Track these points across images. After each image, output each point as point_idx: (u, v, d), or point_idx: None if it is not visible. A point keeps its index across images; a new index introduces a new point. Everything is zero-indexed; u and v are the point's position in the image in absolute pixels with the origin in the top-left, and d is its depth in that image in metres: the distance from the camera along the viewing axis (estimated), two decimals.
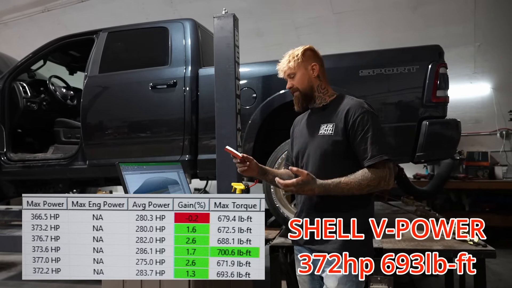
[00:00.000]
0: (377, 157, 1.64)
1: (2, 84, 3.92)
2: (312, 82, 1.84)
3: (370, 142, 1.66)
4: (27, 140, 4.33)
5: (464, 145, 6.26)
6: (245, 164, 1.89)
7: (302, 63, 1.83)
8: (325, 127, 1.77)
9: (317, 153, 1.76)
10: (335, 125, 1.74)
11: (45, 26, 7.00)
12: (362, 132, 1.68)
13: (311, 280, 1.87)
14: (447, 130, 2.96)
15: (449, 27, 5.80)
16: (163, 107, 3.43)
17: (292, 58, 1.83)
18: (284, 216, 3.03)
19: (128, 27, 3.75)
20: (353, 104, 1.75)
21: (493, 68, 6.17)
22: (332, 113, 1.79)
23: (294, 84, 1.84)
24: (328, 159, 1.74)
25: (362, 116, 1.70)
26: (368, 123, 1.69)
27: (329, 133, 1.74)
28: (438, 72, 2.88)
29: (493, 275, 4.20)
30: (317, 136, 1.79)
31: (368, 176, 1.63)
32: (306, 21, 6.20)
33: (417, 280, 4.18)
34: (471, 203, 6.15)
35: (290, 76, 1.85)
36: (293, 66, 1.82)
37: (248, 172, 1.91)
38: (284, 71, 1.86)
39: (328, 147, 1.74)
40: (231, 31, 3.00)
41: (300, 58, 1.83)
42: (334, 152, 1.73)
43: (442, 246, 2.60)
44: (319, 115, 1.85)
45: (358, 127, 1.69)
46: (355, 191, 1.64)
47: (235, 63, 3.00)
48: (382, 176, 1.64)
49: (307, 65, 1.83)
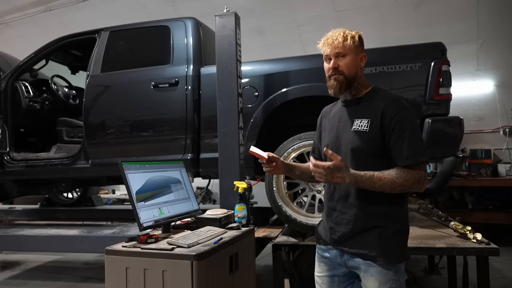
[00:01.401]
0: (413, 159, 1.56)
1: (4, 84, 3.93)
2: (358, 71, 1.71)
3: (407, 141, 1.56)
4: (30, 140, 4.34)
5: (467, 143, 6.25)
6: (271, 165, 1.83)
7: (355, 48, 1.69)
8: (360, 122, 1.66)
9: (349, 149, 1.65)
10: (371, 122, 1.63)
11: (46, 25, 7.02)
12: (400, 131, 1.58)
13: (331, 282, 1.79)
14: (450, 128, 2.94)
15: (452, 25, 5.77)
16: (165, 106, 3.42)
17: (350, 37, 1.68)
18: (286, 214, 3.03)
19: (130, 26, 3.75)
20: (391, 100, 1.65)
21: (496, 65, 6.14)
22: (367, 108, 1.68)
23: (341, 66, 1.68)
24: (361, 157, 1.63)
25: (401, 114, 1.59)
26: (406, 122, 1.59)
27: (364, 129, 1.63)
28: (441, 70, 2.87)
29: (496, 273, 4.20)
30: (350, 132, 1.68)
31: (403, 175, 1.55)
32: (308, 19, 6.19)
33: (420, 278, 4.18)
34: (474, 201, 6.14)
35: (339, 55, 1.68)
36: (348, 46, 1.67)
37: (274, 171, 1.85)
38: (336, 47, 1.67)
39: (362, 144, 1.63)
40: (233, 29, 3.00)
41: (357, 41, 1.69)
42: (368, 150, 1.63)
43: (445, 244, 2.59)
44: (353, 109, 1.73)
45: (395, 125, 1.58)
46: (387, 188, 1.55)
47: (237, 62, 3.00)
48: (416, 177, 1.56)
49: (359, 52, 1.71)
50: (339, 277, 1.78)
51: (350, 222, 1.67)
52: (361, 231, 1.65)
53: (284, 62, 3.27)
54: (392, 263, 1.62)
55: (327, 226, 1.78)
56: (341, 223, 1.71)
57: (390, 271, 1.61)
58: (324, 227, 1.82)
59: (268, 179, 3.09)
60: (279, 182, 3.08)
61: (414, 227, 3.17)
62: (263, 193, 3.20)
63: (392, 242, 1.63)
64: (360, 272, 1.68)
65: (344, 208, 1.70)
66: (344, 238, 1.69)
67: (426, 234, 2.91)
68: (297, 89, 3.10)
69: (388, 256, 1.61)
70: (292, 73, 3.16)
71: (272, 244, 2.98)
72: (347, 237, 1.68)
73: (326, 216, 1.79)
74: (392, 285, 1.61)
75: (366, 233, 1.65)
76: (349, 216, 1.68)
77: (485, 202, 6.07)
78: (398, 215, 1.67)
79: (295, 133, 3.07)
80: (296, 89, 3.11)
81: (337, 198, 1.73)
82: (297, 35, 6.26)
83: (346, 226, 1.69)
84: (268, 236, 3.15)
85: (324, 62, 1.75)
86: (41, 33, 6.80)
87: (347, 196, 1.69)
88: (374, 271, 1.62)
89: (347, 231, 1.68)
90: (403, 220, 1.69)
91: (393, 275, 1.62)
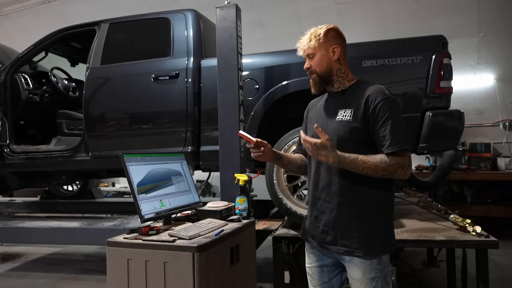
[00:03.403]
0: (396, 146, 1.58)
1: (4, 76, 3.91)
2: (331, 65, 1.74)
3: (390, 129, 1.60)
4: (30, 132, 4.34)
5: (466, 136, 6.26)
6: (259, 150, 1.85)
7: (323, 44, 1.73)
8: (343, 112, 1.70)
9: (334, 139, 1.67)
10: (354, 111, 1.67)
11: (45, 17, 6.98)
12: (383, 119, 1.61)
13: (320, 272, 1.83)
14: (451, 121, 2.95)
15: (452, 18, 5.75)
16: (165, 98, 3.41)
17: (314, 37, 1.73)
18: (287, 207, 3.04)
19: (130, 18, 3.73)
20: (374, 90, 1.67)
21: (497, 58, 6.13)
22: (351, 98, 1.71)
23: (312, 66, 1.75)
24: (345, 146, 1.64)
25: (384, 103, 1.63)
26: (389, 111, 1.62)
27: (347, 119, 1.67)
28: (442, 63, 2.87)
29: (494, 266, 4.22)
30: (334, 121, 1.72)
31: (386, 161, 1.57)
32: (308, 11, 6.16)
33: (419, 271, 4.20)
34: (473, 194, 6.16)
35: (309, 57, 1.76)
36: (313, 45, 1.73)
37: (262, 157, 1.86)
38: (304, 49, 1.76)
39: (346, 133, 1.67)
40: (234, 21, 2.98)
41: (322, 38, 1.72)
42: (351, 139, 1.66)
43: (444, 237, 2.61)
44: (337, 100, 1.77)
45: (378, 113, 1.62)
46: (370, 171, 1.58)
47: (238, 54, 2.99)
48: (400, 164, 1.58)
49: (328, 46, 1.73)
50: (328, 266, 1.81)
51: (334, 211, 1.70)
52: (345, 220, 1.67)
53: (285, 55, 3.27)
54: (375, 254, 1.65)
55: (312, 216, 1.79)
56: (324, 211, 1.73)
57: (373, 261, 1.65)
58: (309, 220, 1.82)
59: (268, 172, 3.10)
60: (280, 174, 3.09)
61: (413, 220, 3.19)
62: (262, 186, 3.21)
63: (375, 233, 1.66)
64: (345, 263, 1.72)
65: (328, 197, 1.72)
66: (327, 226, 1.71)
67: (425, 227, 2.92)
68: (298, 82, 3.09)
69: (371, 248, 1.64)
70: (293, 65, 3.15)
71: (273, 236, 2.99)
72: (331, 225, 1.70)
73: (311, 205, 1.81)
74: (376, 274, 1.64)
75: (349, 222, 1.67)
76: (332, 204, 1.70)
77: (484, 195, 6.09)
78: (382, 205, 1.69)
79: (296, 126, 3.06)
80: (297, 82, 3.10)
81: (321, 188, 1.76)
82: (298, 28, 6.23)
83: (329, 214, 1.71)
84: (268, 228, 3.17)
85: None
86: (40, 25, 6.77)
87: (329, 184, 1.72)
88: (358, 261, 1.65)
89: (331, 219, 1.70)
90: (388, 210, 1.72)
91: (377, 265, 1.65)
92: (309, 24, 1.92)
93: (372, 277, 1.64)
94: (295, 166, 1.98)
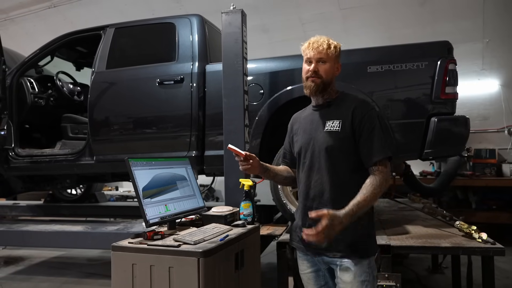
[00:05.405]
0: (380, 154, 1.68)
1: (9, 80, 3.93)
2: (332, 78, 1.83)
3: (376, 139, 1.69)
4: (35, 136, 4.36)
5: (471, 142, 6.22)
6: (248, 162, 1.89)
7: (336, 57, 1.82)
8: (331, 123, 1.77)
9: (323, 149, 1.75)
10: (342, 122, 1.74)
11: (51, 22, 7.03)
12: (369, 131, 1.70)
13: (316, 277, 1.86)
14: (456, 127, 2.94)
15: (458, 23, 5.75)
16: (170, 103, 3.42)
17: (333, 46, 1.80)
18: (291, 212, 3.03)
19: (135, 23, 3.75)
20: (359, 102, 1.78)
21: (502, 64, 6.12)
22: (337, 110, 1.79)
23: (320, 71, 1.79)
24: (335, 156, 1.73)
25: (370, 114, 1.73)
26: (374, 121, 1.72)
27: (336, 129, 1.74)
28: (447, 68, 2.86)
29: (499, 273, 4.18)
30: (322, 132, 1.78)
31: (377, 183, 1.64)
32: (313, 17, 6.17)
33: (424, 277, 4.18)
34: (478, 200, 6.13)
35: (321, 61, 1.79)
36: (330, 54, 1.79)
37: (250, 170, 1.91)
38: (320, 52, 1.78)
39: (335, 143, 1.73)
40: (239, 26, 2.98)
41: (338, 51, 1.82)
42: (341, 149, 1.73)
43: (450, 244, 2.58)
44: (324, 112, 1.84)
45: (365, 125, 1.71)
46: (374, 201, 1.65)
47: (243, 59, 2.99)
48: (385, 178, 1.67)
49: (336, 61, 1.83)
50: (322, 271, 1.85)
51: None
52: None
53: (289, 60, 3.27)
54: (366, 256, 1.73)
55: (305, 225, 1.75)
56: (317, 219, 1.70)
57: (364, 263, 1.71)
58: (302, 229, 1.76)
59: None
60: None
61: (418, 226, 3.17)
62: (266, 191, 3.20)
63: (366, 236, 1.75)
64: (335, 267, 1.76)
65: (320, 205, 1.74)
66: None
67: (431, 234, 2.90)
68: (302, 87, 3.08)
69: (362, 250, 1.72)
70: (297, 71, 3.12)
71: (277, 242, 2.97)
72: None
73: (303, 214, 1.82)
74: (366, 278, 1.71)
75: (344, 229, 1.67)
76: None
77: (489, 201, 6.05)
78: (370, 209, 1.74)
79: None
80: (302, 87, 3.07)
81: (312, 197, 1.80)
82: (302, 32, 6.24)
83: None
84: (272, 234, 3.15)
85: (303, 64, 1.85)
86: (45, 30, 6.81)
87: (322, 193, 1.76)
88: (350, 263, 1.71)
89: None
90: (373, 213, 1.82)
91: (367, 268, 1.72)
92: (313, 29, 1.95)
93: (362, 280, 1.70)
94: (282, 178, 2.04)
